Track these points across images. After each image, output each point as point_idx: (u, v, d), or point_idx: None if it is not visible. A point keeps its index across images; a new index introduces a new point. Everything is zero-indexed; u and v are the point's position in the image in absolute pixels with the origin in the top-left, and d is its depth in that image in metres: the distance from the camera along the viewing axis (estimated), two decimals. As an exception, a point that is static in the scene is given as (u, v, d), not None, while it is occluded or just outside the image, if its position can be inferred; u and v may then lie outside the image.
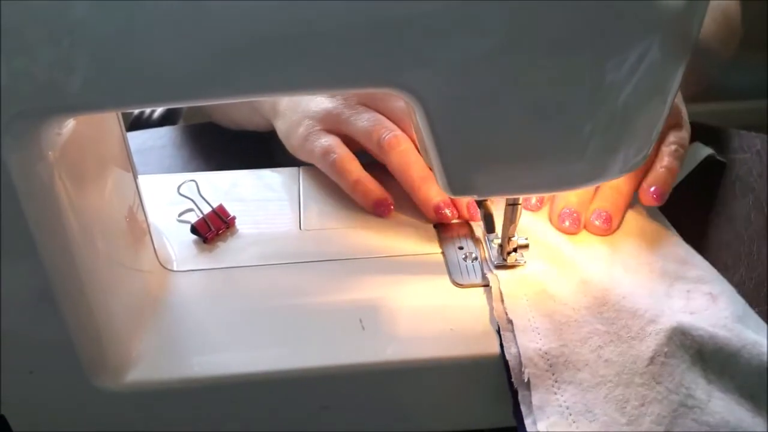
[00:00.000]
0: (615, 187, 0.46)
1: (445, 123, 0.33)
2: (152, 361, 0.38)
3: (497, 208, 0.43)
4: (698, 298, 0.40)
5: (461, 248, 0.46)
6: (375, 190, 0.49)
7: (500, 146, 0.34)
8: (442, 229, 0.48)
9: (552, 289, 0.40)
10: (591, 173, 0.36)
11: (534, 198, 0.46)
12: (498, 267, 0.43)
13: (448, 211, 0.47)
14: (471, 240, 0.47)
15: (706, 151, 0.59)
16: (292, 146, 0.53)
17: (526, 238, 0.43)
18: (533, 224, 0.46)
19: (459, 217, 0.48)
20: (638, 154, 0.36)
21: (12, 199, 0.31)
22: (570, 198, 0.46)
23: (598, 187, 0.47)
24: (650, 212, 0.48)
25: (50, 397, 0.38)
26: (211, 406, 0.39)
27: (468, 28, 0.29)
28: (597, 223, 0.45)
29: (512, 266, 0.43)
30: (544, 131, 0.33)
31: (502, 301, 0.40)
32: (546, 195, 0.47)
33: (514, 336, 0.37)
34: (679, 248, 0.45)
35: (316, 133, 0.51)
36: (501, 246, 0.43)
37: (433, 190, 0.48)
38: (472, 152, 0.34)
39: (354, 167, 0.49)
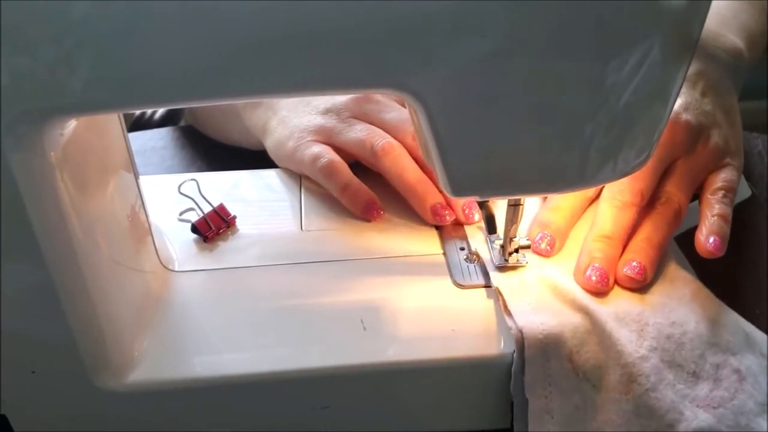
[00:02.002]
0: (647, 239, 0.42)
1: (447, 124, 0.33)
2: (154, 361, 0.38)
3: (497, 207, 0.43)
4: (725, 379, 0.39)
5: (462, 249, 0.46)
6: (363, 193, 0.49)
7: (502, 147, 0.34)
8: (443, 230, 0.48)
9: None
10: (592, 175, 0.36)
11: (544, 243, 0.44)
12: (499, 268, 0.43)
13: (446, 214, 0.47)
14: (470, 240, 0.46)
15: (746, 192, 0.55)
16: (280, 157, 0.53)
17: (528, 239, 0.43)
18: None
19: (455, 219, 0.48)
20: (639, 156, 0.36)
21: (14, 199, 0.31)
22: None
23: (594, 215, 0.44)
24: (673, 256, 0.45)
25: (52, 397, 0.38)
26: (212, 406, 0.39)
27: (469, 30, 0.29)
28: (629, 273, 0.41)
29: (513, 267, 0.43)
30: (546, 132, 0.33)
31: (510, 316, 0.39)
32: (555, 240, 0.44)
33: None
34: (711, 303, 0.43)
35: (306, 143, 0.51)
36: (503, 247, 0.43)
37: (428, 193, 0.47)
38: (473, 153, 0.34)
39: (343, 171, 0.49)
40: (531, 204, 0.46)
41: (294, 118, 0.52)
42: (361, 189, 0.49)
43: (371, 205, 0.49)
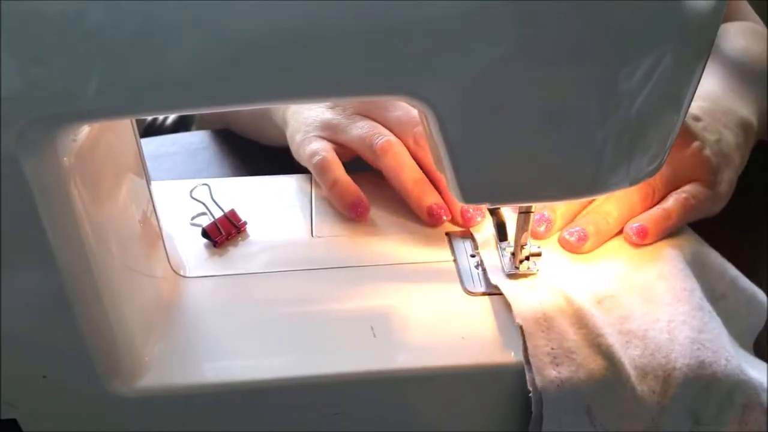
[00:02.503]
0: (604, 212, 0.45)
1: (458, 131, 0.32)
2: (165, 366, 0.39)
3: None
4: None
5: (473, 256, 0.46)
6: (351, 191, 0.49)
7: (513, 154, 0.34)
8: (453, 237, 0.48)
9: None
10: (604, 181, 0.35)
11: (543, 225, 0.45)
12: (510, 276, 0.43)
13: (443, 214, 0.48)
14: (480, 248, 0.46)
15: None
16: (293, 151, 0.54)
17: (539, 246, 0.43)
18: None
19: (452, 221, 0.48)
20: (652, 163, 0.35)
21: (28, 204, 0.32)
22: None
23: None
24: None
25: (63, 402, 0.38)
26: (222, 412, 0.39)
27: (480, 36, 0.29)
28: (570, 238, 0.44)
29: (524, 275, 0.43)
30: (557, 139, 0.33)
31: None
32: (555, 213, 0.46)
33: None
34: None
35: (310, 139, 0.51)
36: (513, 254, 0.43)
37: (426, 193, 0.48)
38: (484, 160, 0.34)
39: (335, 168, 0.49)
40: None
41: (305, 110, 0.53)
42: (349, 187, 0.49)
43: (357, 203, 0.49)
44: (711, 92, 0.52)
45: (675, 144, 0.44)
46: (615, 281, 0.42)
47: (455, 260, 0.46)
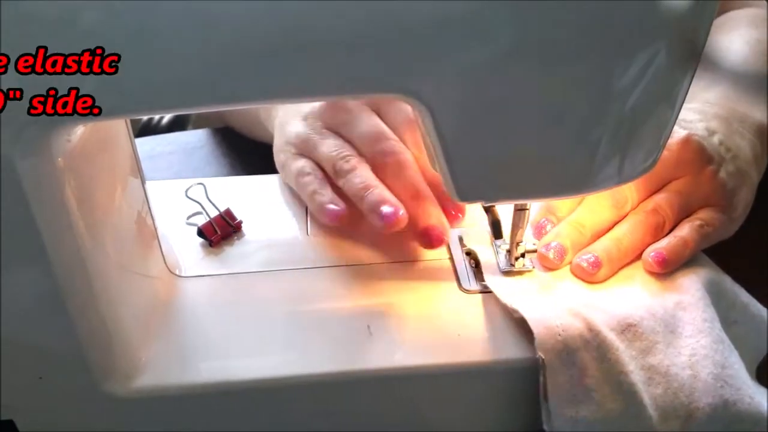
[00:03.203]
0: (615, 239, 0.43)
1: (453, 129, 0.32)
2: (161, 366, 0.39)
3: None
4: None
5: (469, 254, 0.46)
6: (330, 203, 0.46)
7: (508, 152, 0.34)
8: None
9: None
10: (598, 179, 0.35)
11: (552, 252, 0.43)
12: (505, 273, 0.43)
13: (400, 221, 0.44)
14: (476, 245, 0.46)
15: None
16: (279, 170, 0.52)
17: (534, 243, 0.43)
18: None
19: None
20: (646, 159, 0.36)
21: (22, 205, 0.31)
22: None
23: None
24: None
25: (59, 403, 0.38)
26: (219, 412, 0.39)
27: (475, 35, 0.29)
28: (581, 263, 0.42)
29: (520, 272, 0.43)
30: (552, 137, 0.33)
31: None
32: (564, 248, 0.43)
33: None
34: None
35: (292, 157, 0.50)
36: (509, 251, 0.43)
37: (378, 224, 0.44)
38: (479, 158, 0.34)
39: (313, 183, 0.47)
40: (537, 208, 0.46)
41: (285, 125, 0.51)
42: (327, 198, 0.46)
43: (337, 216, 0.46)
44: (723, 96, 0.50)
45: (689, 166, 0.44)
46: (636, 309, 0.40)
47: (451, 258, 0.46)
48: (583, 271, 0.42)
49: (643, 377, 0.37)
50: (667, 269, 0.42)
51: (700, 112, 0.47)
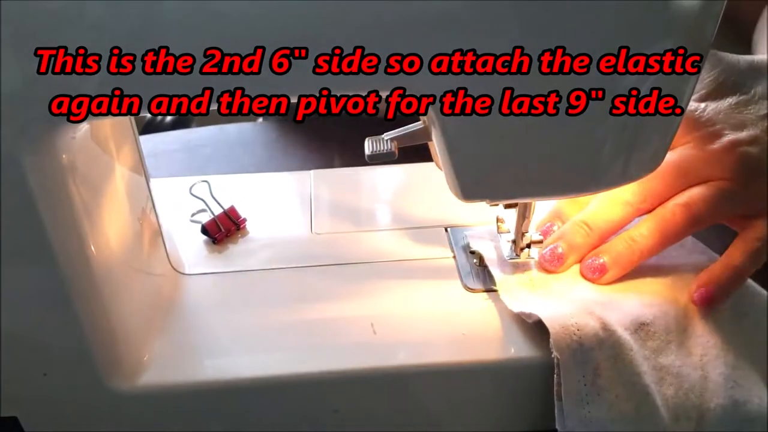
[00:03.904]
0: (629, 239, 0.41)
1: (457, 128, 0.32)
2: (165, 363, 0.39)
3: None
4: None
5: (473, 253, 0.46)
6: None
7: (512, 152, 0.34)
8: (453, 232, 0.48)
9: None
10: (603, 178, 0.35)
11: (548, 254, 0.42)
12: (510, 263, 0.43)
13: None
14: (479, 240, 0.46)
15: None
16: None
17: (540, 233, 0.43)
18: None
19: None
20: (651, 160, 0.35)
21: (27, 202, 0.32)
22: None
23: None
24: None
25: (64, 399, 0.38)
26: (222, 409, 0.39)
27: (481, 34, 0.29)
28: (588, 266, 0.41)
29: (525, 263, 0.43)
30: (557, 136, 0.33)
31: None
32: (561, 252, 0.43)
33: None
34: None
35: None
36: (514, 242, 0.43)
37: None
38: (484, 157, 0.34)
39: None
40: (544, 210, 0.46)
41: None
42: None
43: None
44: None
45: (733, 173, 0.39)
46: (649, 307, 0.39)
47: (455, 257, 0.46)
48: (588, 275, 0.42)
49: (655, 377, 0.37)
50: (713, 305, 0.40)
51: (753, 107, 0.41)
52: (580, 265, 0.42)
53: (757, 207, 0.40)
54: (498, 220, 0.45)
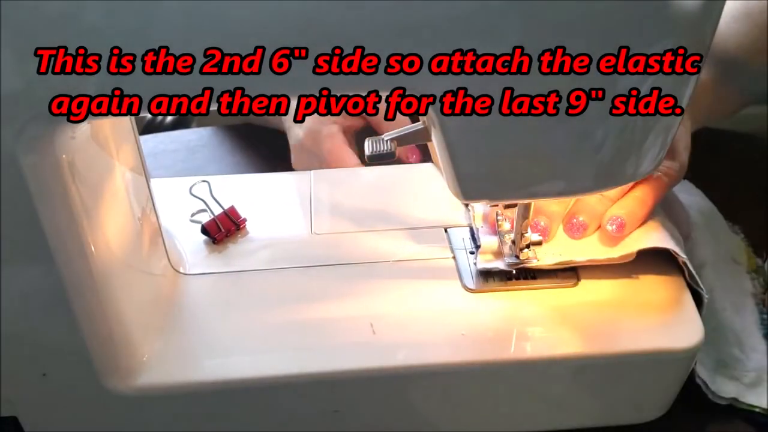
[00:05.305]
0: (638, 198, 0.44)
1: (457, 129, 0.32)
2: (164, 364, 0.39)
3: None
4: None
5: (472, 253, 0.46)
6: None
7: (512, 152, 0.34)
8: (452, 232, 0.48)
9: None
10: (604, 178, 0.35)
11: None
12: (510, 264, 0.43)
13: None
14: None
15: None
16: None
17: (539, 235, 0.43)
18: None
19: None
20: (653, 159, 0.35)
21: (26, 201, 0.32)
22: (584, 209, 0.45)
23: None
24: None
25: (62, 400, 0.38)
26: (221, 410, 0.39)
27: (481, 34, 0.29)
28: (610, 228, 0.43)
29: (524, 262, 0.43)
30: (557, 137, 0.33)
31: None
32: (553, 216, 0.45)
33: None
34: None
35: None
36: (514, 242, 0.43)
37: None
38: (484, 158, 0.34)
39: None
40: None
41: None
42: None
43: None
44: None
45: None
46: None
47: (454, 257, 0.46)
48: (611, 236, 0.44)
49: None
50: (626, 233, 0.44)
51: None
52: (601, 228, 0.45)
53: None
54: (498, 220, 0.45)
